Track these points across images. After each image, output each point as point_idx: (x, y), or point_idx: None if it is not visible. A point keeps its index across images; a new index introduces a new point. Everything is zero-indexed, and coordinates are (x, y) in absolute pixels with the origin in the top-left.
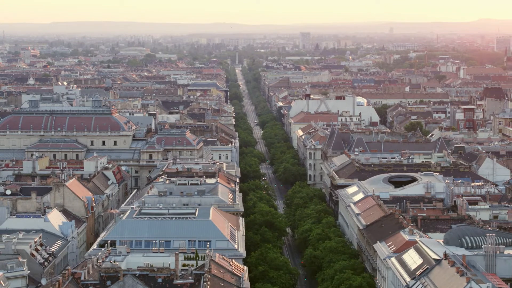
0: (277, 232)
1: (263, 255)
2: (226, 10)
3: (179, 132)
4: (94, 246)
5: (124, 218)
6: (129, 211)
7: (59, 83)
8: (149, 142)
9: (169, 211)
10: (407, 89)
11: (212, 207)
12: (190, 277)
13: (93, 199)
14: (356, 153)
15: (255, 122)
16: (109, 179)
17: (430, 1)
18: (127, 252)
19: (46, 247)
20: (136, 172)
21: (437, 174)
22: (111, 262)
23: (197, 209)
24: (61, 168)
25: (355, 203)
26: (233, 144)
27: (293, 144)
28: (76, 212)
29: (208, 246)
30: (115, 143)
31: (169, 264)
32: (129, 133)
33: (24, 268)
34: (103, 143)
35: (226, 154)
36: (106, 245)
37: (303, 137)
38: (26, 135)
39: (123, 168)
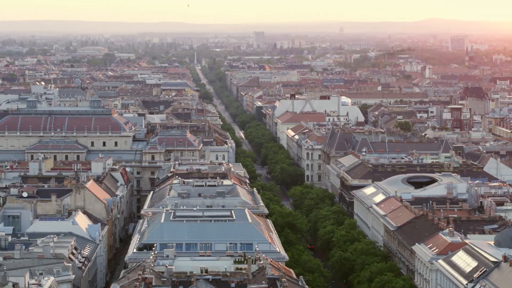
0: (300, 234)
1: (294, 257)
2: (174, 9)
3: (180, 132)
4: (134, 249)
5: (162, 221)
6: (163, 213)
7: (37, 83)
8: (151, 143)
9: (203, 213)
10: (379, 88)
11: (246, 209)
12: (263, 282)
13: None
14: (363, 153)
15: (233, 122)
16: (117, 181)
17: (377, 1)
18: (174, 256)
19: (80, 250)
20: (138, 173)
21: (455, 174)
22: (166, 266)
23: (233, 211)
24: (75, 170)
25: (377, 204)
26: (229, 144)
27: (282, 144)
28: (97, 214)
29: (256, 248)
30: (115, 144)
31: (225, 268)
32: (130, 133)
33: (70, 273)
34: (104, 144)
35: (223, 155)
36: (146, 248)
37: (295, 137)
38: (25, 136)
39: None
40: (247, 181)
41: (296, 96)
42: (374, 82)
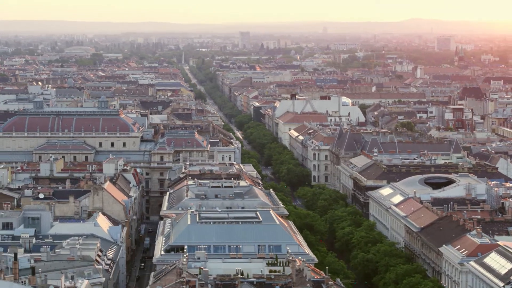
0: (319, 235)
1: (318, 259)
2: (157, 9)
3: (188, 133)
4: (161, 251)
5: (189, 222)
6: (188, 215)
7: (34, 83)
8: (160, 144)
9: (228, 215)
10: (373, 88)
11: (270, 210)
12: (308, 285)
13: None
14: (375, 154)
15: (229, 122)
16: (129, 182)
17: (359, 1)
18: (206, 258)
19: (105, 252)
20: (146, 174)
21: (472, 175)
22: (202, 268)
23: (258, 213)
24: (90, 171)
25: (396, 205)
26: (235, 145)
27: (284, 144)
28: (116, 216)
29: (288, 250)
30: (124, 144)
31: (261, 270)
32: (138, 134)
33: (100, 275)
34: (112, 144)
35: (230, 155)
36: (173, 250)
37: (299, 137)
38: (33, 137)
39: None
40: (260, 182)
41: (297, 97)
42: (367, 82)
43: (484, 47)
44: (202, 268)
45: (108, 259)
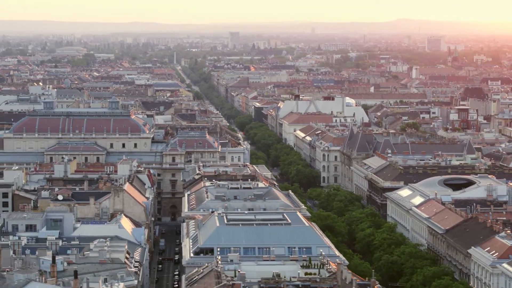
0: (340, 237)
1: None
2: (144, 9)
3: (199, 134)
4: (190, 254)
5: (217, 224)
6: (216, 217)
7: (35, 83)
8: (171, 145)
9: (255, 217)
10: (371, 89)
11: (297, 211)
12: None
13: None
14: (389, 155)
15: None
16: (144, 183)
17: (346, 2)
18: (239, 260)
19: (132, 255)
20: (158, 175)
21: (492, 176)
22: (239, 271)
23: (285, 214)
24: (108, 173)
25: (417, 207)
26: (243, 145)
27: (290, 145)
28: (136, 217)
29: (322, 253)
30: (135, 145)
31: (298, 273)
32: (149, 135)
33: (133, 278)
34: (123, 145)
35: (239, 156)
36: (202, 252)
37: (307, 138)
38: (44, 138)
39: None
40: (275, 183)
41: (300, 97)
42: (364, 82)
43: (475, 48)
44: (238, 271)
45: (136, 261)
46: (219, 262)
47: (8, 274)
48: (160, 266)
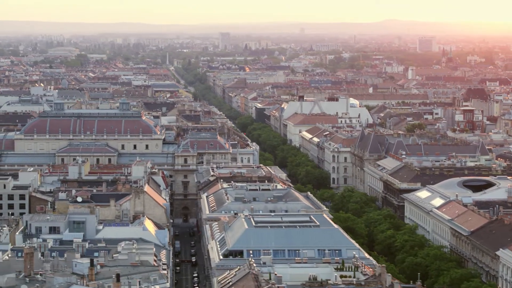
0: (361, 239)
1: None
2: (131, 9)
3: (210, 135)
4: (220, 256)
5: (246, 227)
6: (243, 219)
7: (36, 84)
8: (183, 146)
9: (282, 219)
10: (370, 90)
11: (324, 214)
12: None
13: None
14: (403, 156)
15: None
16: (159, 185)
17: (336, 2)
18: (272, 263)
19: (159, 257)
20: (170, 176)
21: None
22: (275, 274)
23: (312, 216)
24: (125, 174)
25: (438, 208)
26: (253, 147)
27: (295, 146)
28: (157, 219)
29: (355, 255)
30: (146, 146)
31: (335, 276)
32: (161, 136)
33: (165, 281)
34: (134, 147)
35: (248, 157)
36: (231, 255)
37: (314, 139)
38: (55, 139)
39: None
40: (290, 184)
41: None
42: (361, 83)
43: (466, 48)
44: (275, 274)
45: (164, 264)
46: (255, 265)
47: (47, 277)
48: (178, 268)
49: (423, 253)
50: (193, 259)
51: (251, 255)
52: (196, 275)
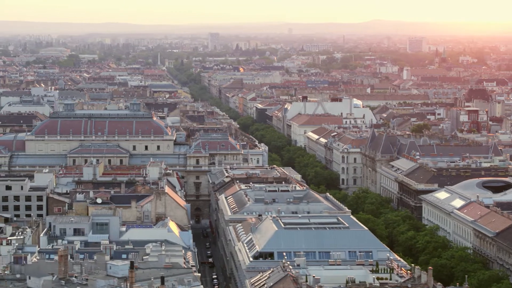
0: (382, 240)
1: None
2: (118, 9)
3: (221, 136)
4: (250, 258)
5: (276, 228)
6: (271, 221)
7: (37, 85)
8: (195, 147)
9: (310, 220)
10: (368, 90)
11: (350, 215)
12: None
13: None
14: (418, 157)
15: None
16: (175, 186)
17: (322, 2)
18: (306, 265)
19: (187, 259)
20: (182, 177)
21: None
22: (314, 276)
23: (340, 218)
24: (144, 175)
25: (458, 209)
26: (261, 147)
27: (301, 146)
28: (179, 221)
29: (389, 257)
30: (158, 147)
31: (373, 278)
32: (172, 137)
33: (199, 283)
34: (146, 147)
35: (258, 158)
36: (262, 257)
37: (321, 140)
38: (66, 140)
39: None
40: (306, 185)
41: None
42: (358, 83)
43: (456, 49)
44: (313, 276)
45: (192, 266)
46: (290, 267)
47: (90, 280)
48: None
49: (447, 254)
50: (210, 259)
51: (285, 257)
52: (215, 276)
